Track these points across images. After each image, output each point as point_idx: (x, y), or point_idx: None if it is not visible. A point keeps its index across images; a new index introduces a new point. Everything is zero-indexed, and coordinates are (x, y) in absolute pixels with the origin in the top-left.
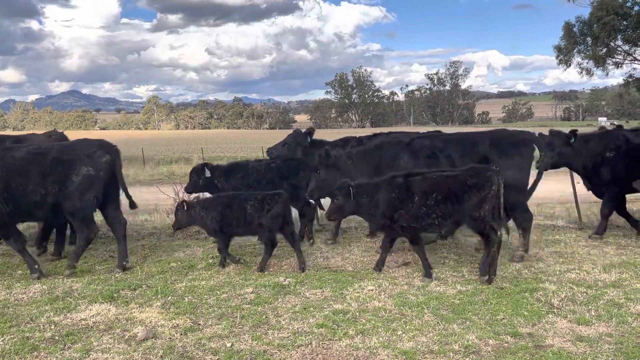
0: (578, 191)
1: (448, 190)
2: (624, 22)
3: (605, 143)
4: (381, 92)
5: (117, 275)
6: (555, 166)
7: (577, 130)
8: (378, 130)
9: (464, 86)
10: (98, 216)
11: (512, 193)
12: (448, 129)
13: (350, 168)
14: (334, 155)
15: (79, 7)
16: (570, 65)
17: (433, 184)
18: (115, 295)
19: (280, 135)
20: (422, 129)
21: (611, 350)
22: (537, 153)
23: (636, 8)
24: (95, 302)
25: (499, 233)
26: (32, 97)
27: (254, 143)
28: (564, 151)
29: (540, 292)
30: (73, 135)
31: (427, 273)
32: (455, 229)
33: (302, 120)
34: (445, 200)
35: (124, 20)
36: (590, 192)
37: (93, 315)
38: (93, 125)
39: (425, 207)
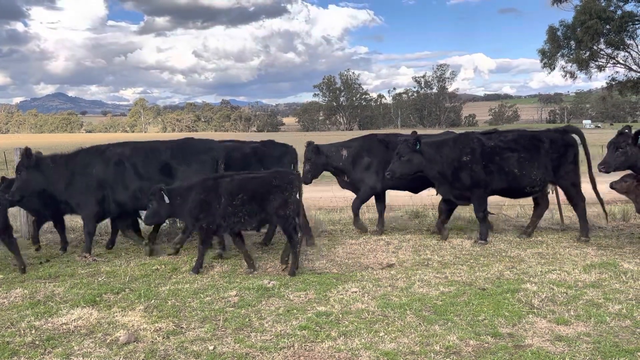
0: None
1: (253, 191)
2: (607, 26)
3: (460, 148)
4: (369, 94)
5: (99, 279)
6: (407, 173)
7: (420, 137)
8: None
9: (450, 89)
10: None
11: None
12: (433, 132)
13: (51, 172)
14: (38, 158)
15: (65, 9)
16: (554, 68)
17: (239, 186)
18: (97, 299)
19: (268, 137)
20: (409, 132)
21: (589, 349)
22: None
23: (619, 12)
24: (77, 306)
25: (299, 231)
26: (16, 100)
27: None
28: (412, 158)
29: (522, 293)
30: (59, 138)
31: (196, 268)
32: (263, 225)
33: (291, 122)
34: (251, 200)
35: (110, 22)
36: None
37: (74, 320)
38: (79, 128)
39: (231, 207)
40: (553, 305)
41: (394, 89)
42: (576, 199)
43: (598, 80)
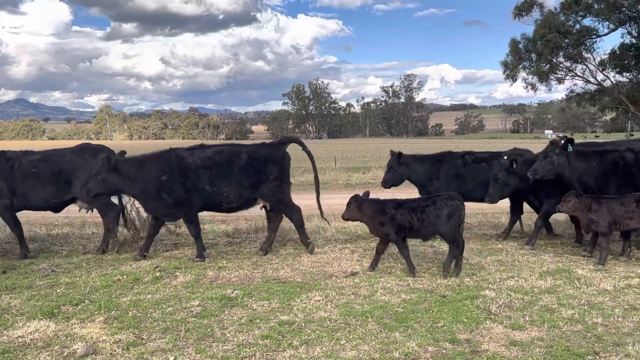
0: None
1: None
2: (566, 40)
3: (160, 166)
4: (338, 103)
5: (58, 290)
6: (104, 193)
7: (125, 153)
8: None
9: (418, 99)
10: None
11: None
12: (402, 141)
13: None
14: None
15: (29, 13)
16: (516, 80)
17: None
18: (55, 311)
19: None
20: (378, 140)
21: (542, 353)
22: None
23: (577, 27)
24: (34, 319)
25: None
26: None
27: None
28: (108, 177)
29: (480, 300)
30: (19, 145)
31: None
32: None
33: (260, 130)
34: None
35: (75, 28)
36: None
37: (31, 332)
38: (41, 135)
39: None
40: (510, 311)
41: (363, 98)
42: (289, 213)
43: (558, 92)
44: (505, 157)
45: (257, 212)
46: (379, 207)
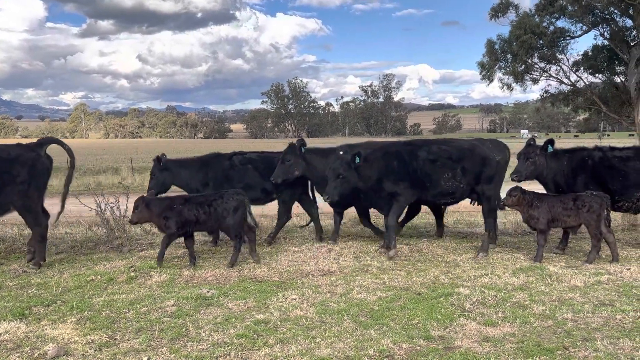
0: None
1: None
2: (540, 41)
3: None
4: (317, 102)
5: (29, 291)
6: None
7: None
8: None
9: (396, 98)
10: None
11: None
12: (381, 140)
13: None
14: None
15: (2, 9)
16: (493, 80)
17: None
18: (26, 312)
19: (215, 144)
20: (356, 139)
21: (513, 349)
22: None
23: (551, 28)
24: (4, 320)
25: None
26: None
27: (187, 153)
28: None
29: (455, 297)
30: None
31: None
32: None
33: (238, 129)
34: None
35: (49, 24)
36: None
37: (1, 334)
38: (14, 133)
39: None
40: (483, 308)
41: (342, 97)
42: (30, 225)
43: (533, 92)
44: (342, 152)
45: None
46: (167, 203)
